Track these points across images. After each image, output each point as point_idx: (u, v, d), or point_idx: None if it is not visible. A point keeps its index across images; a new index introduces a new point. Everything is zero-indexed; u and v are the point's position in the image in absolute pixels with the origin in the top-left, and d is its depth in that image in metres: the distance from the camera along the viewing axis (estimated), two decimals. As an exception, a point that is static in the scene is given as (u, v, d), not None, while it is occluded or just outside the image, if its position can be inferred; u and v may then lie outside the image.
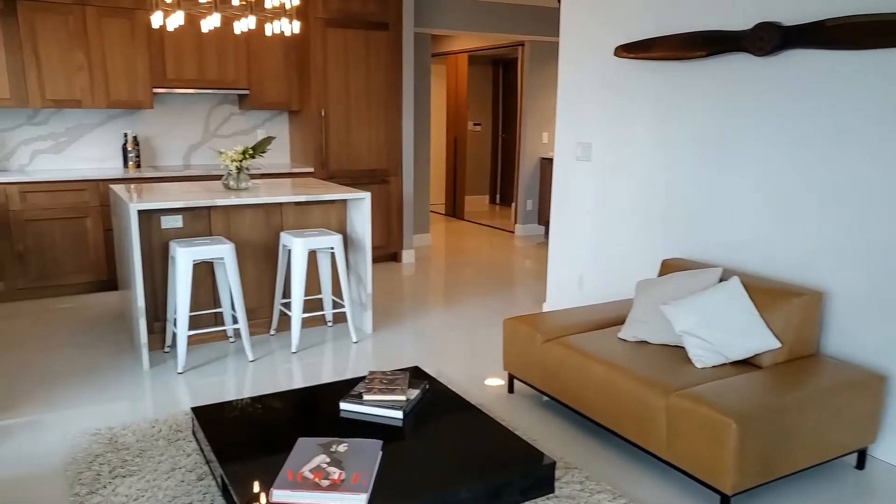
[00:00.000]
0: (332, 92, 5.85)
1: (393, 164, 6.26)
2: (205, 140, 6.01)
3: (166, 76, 5.43)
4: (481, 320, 4.76)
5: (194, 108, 5.91)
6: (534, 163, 7.98)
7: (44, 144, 5.40)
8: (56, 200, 4.97)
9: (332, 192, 4.26)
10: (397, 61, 6.10)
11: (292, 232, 4.22)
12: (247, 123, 6.16)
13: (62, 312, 4.78)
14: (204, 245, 3.76)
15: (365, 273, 4.41)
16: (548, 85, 7.85)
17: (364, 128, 6.05)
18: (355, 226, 4.46)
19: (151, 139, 5.79)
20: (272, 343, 4.26)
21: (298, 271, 4.02)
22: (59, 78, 5.07)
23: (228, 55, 5.63)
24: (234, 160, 4.20)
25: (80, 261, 5.12)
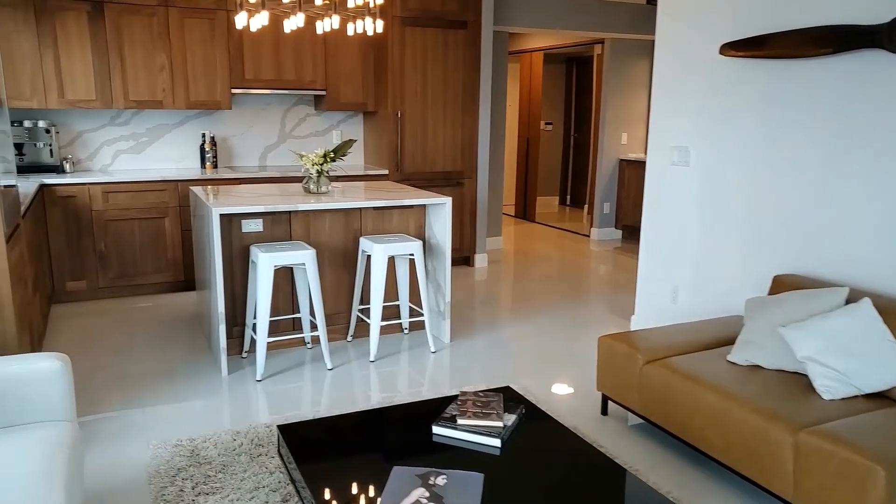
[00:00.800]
0: (409, 92, 5.72)
1: (468, 166, 6.09)
2: (280, 141, 5.97)
3: (244, 77, 5.40)
4: (563, 332, 4.53)
5: (271, 108, 5.88)
6: (612, 164, 7.68)
7: (125, 144, 5.45)
8: (136, 200, 5.00)
9: (413, 197, 4.11)
10: (475, 60, 5.92)
11: (371, 237, 4.09)
12: (322, 124, 6.10)
13: (141, 312, 4.80)
14: (285, 250, 3.66)
15: (444, 280, 4.25)
16: (628, 84, 7.53)
17: (440, 129, 5.90)
18: (434, 231, 4.31)
19: (228, 139, 5.78)
20: (349, 350, 4.14)
21: (378, 278, 3.89)
22: (142, 79, 5.09)
23: (306, 55, 5.57)
24: (315, 164, 4.10)
25: (158, 261, 5.14)
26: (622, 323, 4.73)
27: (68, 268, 4.89)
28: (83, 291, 5.00)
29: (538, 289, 5.61)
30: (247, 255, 3.94)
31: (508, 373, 3.83)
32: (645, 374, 2.96)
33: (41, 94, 4.84)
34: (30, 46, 4.76)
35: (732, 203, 3.74)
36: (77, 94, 4.93)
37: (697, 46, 3.89)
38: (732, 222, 3.74)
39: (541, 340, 4.36)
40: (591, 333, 4.52)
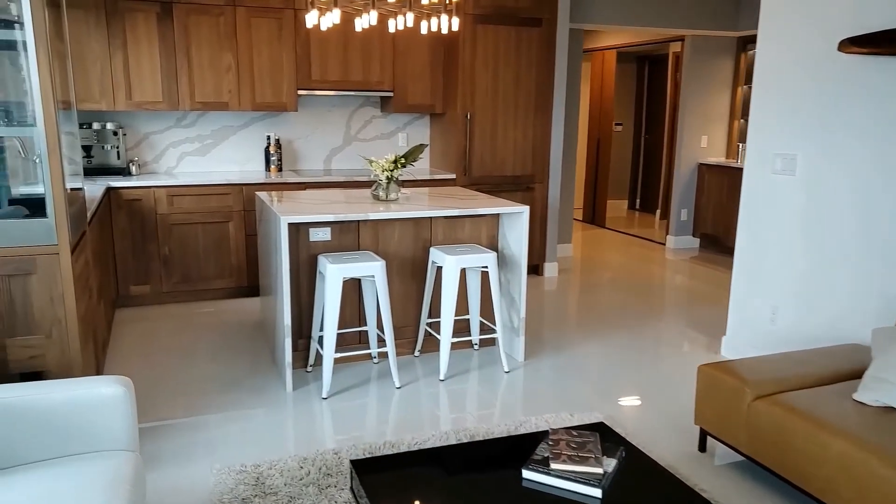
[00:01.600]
0: (479, 93, 5.47)
1: (539, 170, 5.79)
2: (346, 144, 5.80)
3: (311, 77, 5.24)
4: (646, 352, 4.20)
5: (336, 110, 5.71)
6: (690, 168, 7.25)
7: (190, 146, 5.37)
8: (201, 204, 4.89)
9: (487, 205, 3.85)
10: (549, 59, 5.63)
11: (442, 247, 3.86)
12: (388, 127, 5.90)
13: (204, 317, 4.68)
14: (354, 262, 3.46)
15: (518, 295, 3.98)
16: (710, 83, 7.10)
17: (511, 131, 5.63)
18: (509, 241, 4.04)
19: (293, 142, 5.64)
20: (417, 367, 3.91)
21: (449, 291, 3.65)
22: (208, 80, 4.99)
23: (373, 55, 5.37)
24: (385, 169, 3.88)
25: (221, 266, 5.03)
26: (710, 343, 4.37)
27: (133, 272, 4.81)
28: (147, 296, 4.93)
29: (614, 301, 5.28)
30: (314, 264, 3.76)
31: (590, 398, 3.54)
32: (754, 411, 2.63)
33: (110, 96, 4.78)
34: (100, 48, 4.70)
35: (844, 216, 3.35)
36: (144, 95, 4.85)
37: (809, 42, 3.51)
38: (844, 238, 3.35)
39: (622, 361, 4.04)
40: (677, 355, 4.17)
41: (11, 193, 3.13)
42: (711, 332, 4.59)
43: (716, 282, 5.93)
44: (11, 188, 3.14)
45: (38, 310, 2.67)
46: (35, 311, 2.67)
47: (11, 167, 3.14)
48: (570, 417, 3.27)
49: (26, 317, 2.67)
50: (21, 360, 2.68)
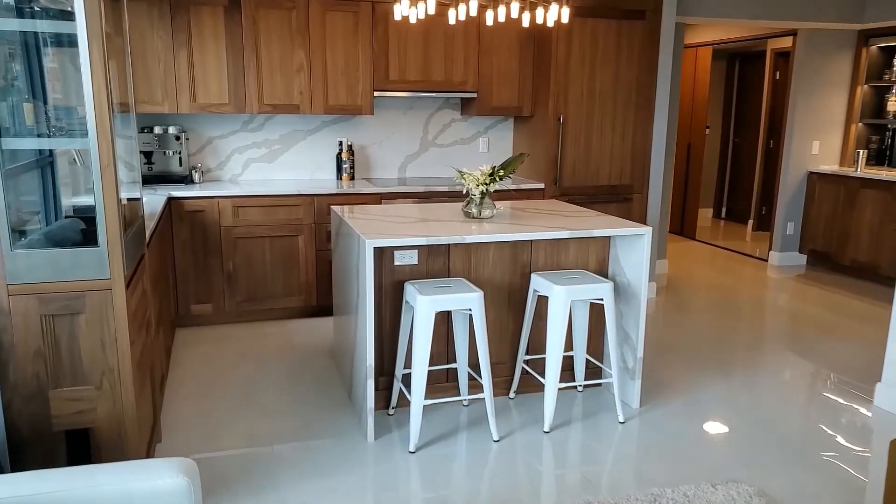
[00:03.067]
0: (573, 94, 4.89)
1: (638, 179, 5.18)
2: (422, 150, 5.30)
3: (388, 77, 4.76)
4: (785, 398, 3.56)
5: (413, 113, 5.22)
6: (799, 177, 6.50)
7: (257, 152, 4.95)
8: (268, 216, 4.46)
9: (600, 225, 3.28)
10: (652, 56, 5.01)
11: (546, 275, 3.30)
12: (468, 131, 5.38)
13: (270, 340, 4.25)
14: (447, 292, 2.94)
15: (635, 331, 3.40)
16: (824, 82, 6.33)
17: (607, 136, 5.03)
18: (624, 267, 3.46)
19: (366, 148, 5.17)
20: (514, 412, 3.37)
21: (557, 327, 3.09)
22: (278, 80, 4.55)
23: (457, 53, 4.85)
24: (480, 183, 3.35)
25: (289, 284, 4.59)
26: (860, 389, 3.69)
27: (194, 289, 4.41)
28: (209, 315, 4.52)
29: (729, 330, 4.62)
30: (398, 291, 3.26)
31: (728, 460, 2.93)
32: None
33: (173, 98, 4.39)
34: (163, 45, 4.31)
35: None
36: (209, 97, 4.45)
37: None
38: None
39: (758, 409, 3.41)
40: (825, 405, 3.51)
41: (66, 205, 2.73)
42: (856, 374, 3.90)
43: (839, 308, 5.20)
44: (66, 199, 2.74)
45: (86, 355, 2.24)
46: (83, 356, 2.24)
47: (65, 176, 2.73)
48: (713, 490, 2.68)
49: (73, 364, 2.23)
50: (67, 415, 2.25)
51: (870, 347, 4.34)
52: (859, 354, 4.22)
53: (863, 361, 4.10)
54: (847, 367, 4.01)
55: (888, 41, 6.17)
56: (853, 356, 4.19)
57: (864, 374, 3.90)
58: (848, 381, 3.81)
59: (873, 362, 4.06)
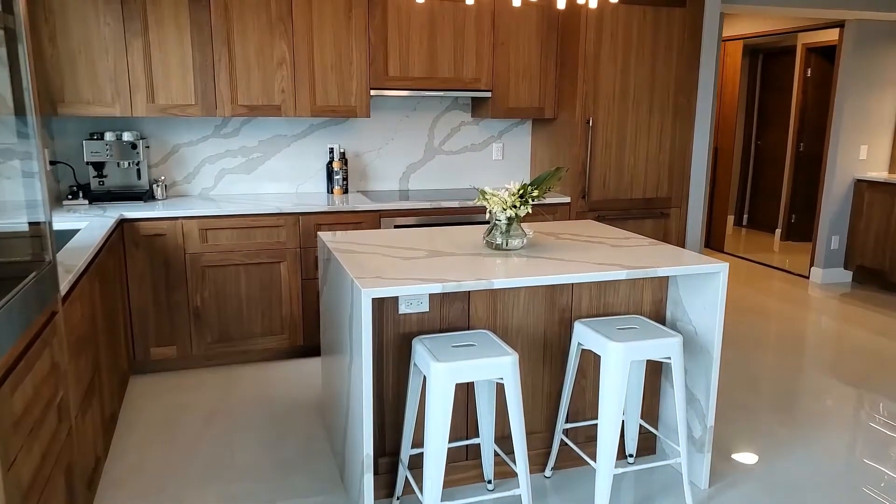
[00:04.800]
0: (603, 93, 4.17)
1: (676, 192, 4.46)
2: (427, 157, 4.57)
3: (387, 73, 4.02)
4: (882, 464, 2.84)
5: (416, 115, 4.48)
6: (845, 186, 5.80)
7: (232, 162, 4.20)
8: (244, 239, 3.72)
9: (668, 263, 2.55)
10: (694, 50, 4.29)
11: (594, 323, 2.58)
12: (479, 136, 4.64)
13: (246, 390, 3.50)
14: (470, 356, 2.21)
15: (705, 393, 2.68)
16: (873, 80, 5.64)
17: (642, 142, 4.31)
18: (689, 312, 2.74)
19: (361, 156, 4.43)
20: (551, 497, 2.64)
21: (613, 394, 2.37)
22: (256, 77, 3.81)
23: (468, 45, 4.12)
24: (507, 207, 2.62)
25: (270, 320, 3.84)
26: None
27: (154, 330, 3.67)
28: (172, 360, 3.78)
29: (790, 370, 3.90)
30: (404, 346, 2.53)
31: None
32: None
33: (125, 98, 3.64)
34: (112, 35, 3.56)
35: None
36: (171, 97, 3.70)
37: None
38: None
39: (854, 482, 2.70)
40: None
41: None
42: (959, 434, 3.19)
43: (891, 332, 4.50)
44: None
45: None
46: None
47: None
48: None
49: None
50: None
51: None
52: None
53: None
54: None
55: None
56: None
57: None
58: (955, 444, 3.10)
59: (976, 417, 3.35)
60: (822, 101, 7.48)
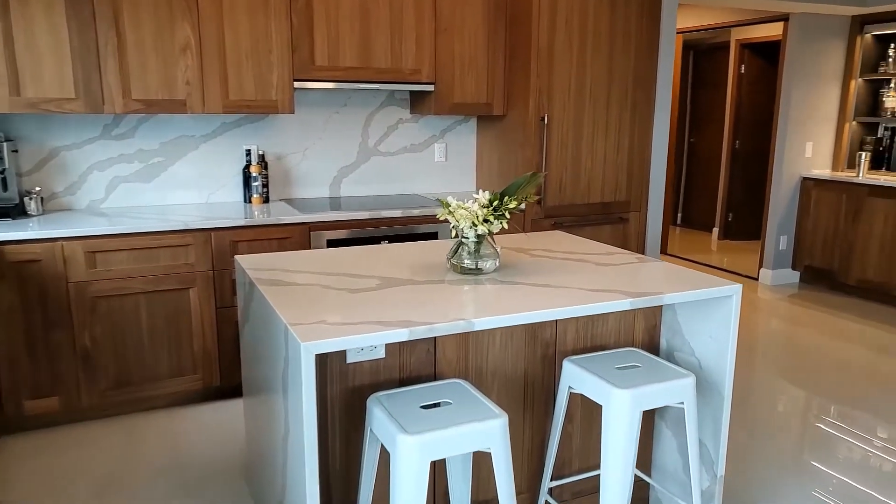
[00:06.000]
0: (559, 87, 3.74)
1: (636, 195, 4.09)
2: (361, 160, 4.00)
3: (313, 62, 3.44)
4: None
5: (348, 111, 3.91)
6: (792, 184, 5.63)
7: (127, 169, 3.51)
8: (144, 263, 3.05)
9: (670, 285, 2.11)
10: (653, 39, 3.93)
11: (588, 362, 2.11)
12: (420, 134, 4.12)
13: (151, 447, 2.85)
14: (445, 423, 1.69)
15: (714, 438, 2.26)
16: (816, 76, 5.48)
17: (600, 141, 3.91)
18: (691, 342, 2.32)
19: (284, 158, 3.82)
20: (539, 576, 2.16)
21: (620, 451, 1.92)
22: (153, 66, 3.15)
23: (406, 31, 3.60)
24: (479, 222, 2.11)
25: (180, 357, 3.20)
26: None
27: (29, 378, 2.95)
28: (55, 414, 3.07)
29: (736, 372, 3.58)
30: (354, 406, 1.98)
31: None
32: None
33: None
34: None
35: None
36: (44, 89, 2.99)
37: None
38: None
39: (807, 490, 2.36)
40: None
41: None
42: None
43: (859, 339, 4.29)
44: None
45: None
46: None
47: None
48: None
49: None
50: None
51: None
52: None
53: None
54: (944, 445, 3.03)
55: (885, 28, 5.38)
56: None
57: (973, 455, 2.94)
58: (960, 470, 2.83)
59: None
60: (757, 98, 7.39)
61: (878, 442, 3.02)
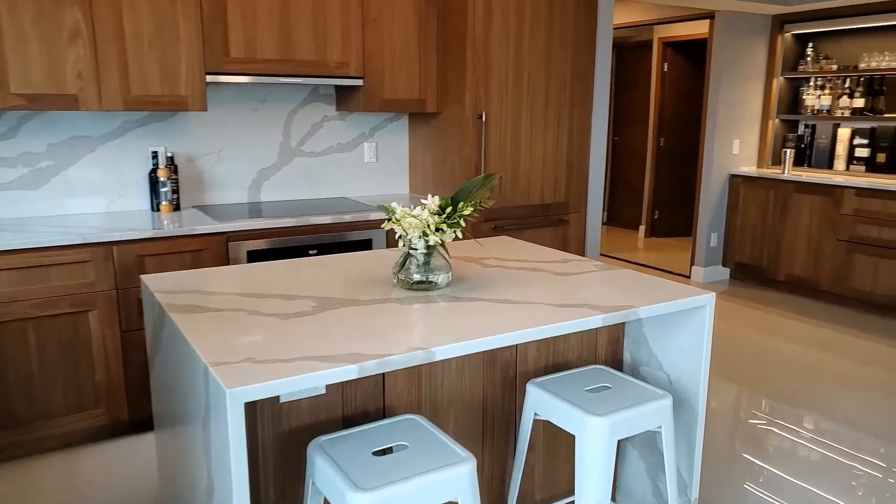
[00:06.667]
0: (496, 81, 3.52)
1: (575, 195, 3.93)
2: (283, 161, 3.66)
3: (227, 54, 3.08)
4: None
5: (268, 108, 3.56)
6: (721, 182, 5.65)
7: (9, 174, 3.05)
8: (33, 283, 2.62)
9: (644, 297, 1.92)
10: (590, 31, 3.77)
11: (553, 385, 1.89)
12: (348, 133, 3.82)
13: (43, 497, 2.45)
14: (404, 472, 1.42)
15: (687, 459, 2.09)
16: (742, 74, 5.52)
17: (539, 138, 3.73)
18: (659, 356, 2.14)
19: (197, 161, 3.44)
20: None
21: (597, 485, 1.70)
22: (37, 55, 2.72)
23: (332, 20, 3.29)
24: (430, 231, 1.85)
25: (78, 390, 2.78)
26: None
27: None
28: (-73, 464, 2.60)
29: (731, 390, 3.48)
30: (291, 452, 1.68)
31: None
32: None
33: None
34: None
35: None
36: None
37: None
38: None
39: (739, 483, 2.25)
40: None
41: None
42: None
43: (804, 337, 4.30)
44: None
45: None
46: None
47: None
48: None
49: None
50: None
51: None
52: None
53: None
54: (894, 444, 2.99)
55: (804, 27, 5.47)
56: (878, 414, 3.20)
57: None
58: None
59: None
60: (680, 96, 7.45)
61: (807, 434, 2.95)
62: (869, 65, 5.12)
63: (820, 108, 5.45)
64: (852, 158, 5.29)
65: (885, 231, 4.64)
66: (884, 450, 2.89)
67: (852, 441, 2.96)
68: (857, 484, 2.61)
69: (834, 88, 5.40)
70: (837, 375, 3.73)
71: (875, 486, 2.60)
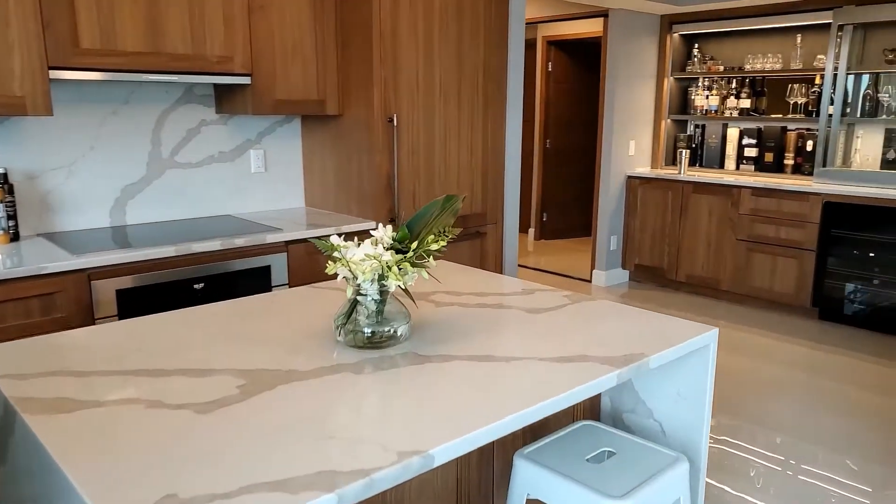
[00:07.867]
0: (405, 80, 3.11)
1: (493, 203, 3.61)
2: (153, 174, 3.03)
3: (78, 45, 2.44)
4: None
5: (132, 111, 2.92)
6: (618, 183, 5.56)
7: None
8: None
9: (647, 343, 1.59)
10: (502, 27, 3.45)
11: (545, 457, 1.53)
12: (230, 140, 3.24)
13: None
14: None
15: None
16: (635, 74, 5.46)
17: (453, 143, 3.36)
18: (648, 402, 1.83)
19: (40, 177, 2.74)
20: None
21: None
22: None
23: (212, 8, 2.72)
24: (385, 270, 1.41)
25: None
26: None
27: None
28: None
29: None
30: None
31: None
32: None
33: None
34: None
35: None
36: None
37: None
38: None
39: None
40: None
41: None
42: (858, 467, 2.80)
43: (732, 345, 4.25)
44: None
45: None
46: None
47: None
48: None
49: None
50: None
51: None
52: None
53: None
54: (837, 454, 2.91)
55: (690, 28, 5.50)
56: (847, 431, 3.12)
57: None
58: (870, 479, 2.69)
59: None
60: (566, 96, 7.38)
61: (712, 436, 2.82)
62: (753, 66, 5.21)
63: (709, 109, 5.50)
64: (742, 158, 5.38)
65: (783, 230, 4.71)
66: (779, 440, 2.78)
67: (750, 435, 2.84)
68: (755, 475, 2.46)
69: (720, 89, 5.47)
70: (737, 374, 3.66)
71: (771, 475, 2.46)
